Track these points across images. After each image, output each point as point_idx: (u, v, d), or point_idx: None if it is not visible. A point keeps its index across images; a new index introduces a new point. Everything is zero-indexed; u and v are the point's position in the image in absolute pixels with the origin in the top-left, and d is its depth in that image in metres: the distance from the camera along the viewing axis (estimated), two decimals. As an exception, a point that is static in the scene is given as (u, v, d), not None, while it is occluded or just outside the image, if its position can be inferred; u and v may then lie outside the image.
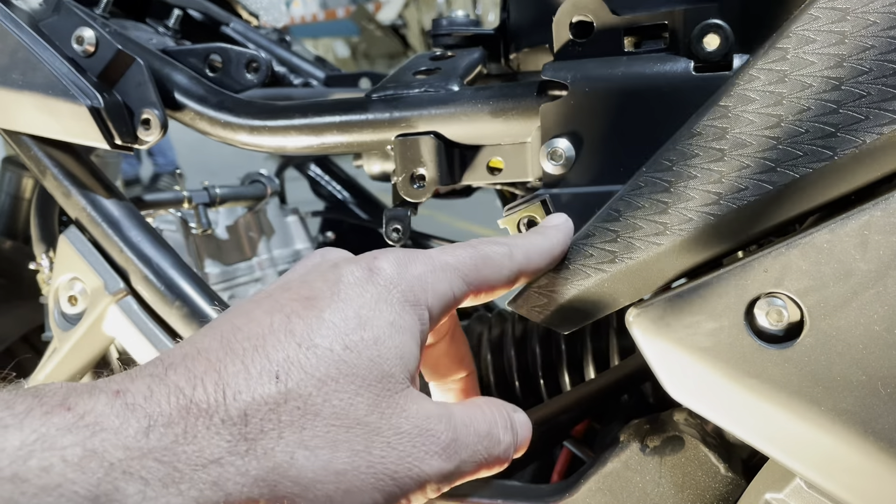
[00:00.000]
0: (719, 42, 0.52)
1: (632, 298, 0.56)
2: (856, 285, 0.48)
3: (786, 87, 0.50)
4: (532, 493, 0.67)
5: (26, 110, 0.73)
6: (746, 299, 0.51)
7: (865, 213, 0.48)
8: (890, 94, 0.47)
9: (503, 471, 0.47)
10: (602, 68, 0.56)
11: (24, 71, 0.72)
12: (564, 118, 0.57)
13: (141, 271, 0.75)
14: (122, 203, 0.78)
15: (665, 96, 0.54)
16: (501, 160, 0.64)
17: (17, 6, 0.76)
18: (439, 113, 0.64)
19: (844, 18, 0.48)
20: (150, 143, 0.72)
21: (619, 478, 0.63)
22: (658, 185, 0.53)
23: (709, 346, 0.52)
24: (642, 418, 0.66)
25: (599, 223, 0.56)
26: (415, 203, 0.66)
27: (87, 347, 0.77)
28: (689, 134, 0.52)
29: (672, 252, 0.54)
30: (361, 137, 0.67)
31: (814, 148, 0.49)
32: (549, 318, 0.59)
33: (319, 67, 1.21)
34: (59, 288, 0.78)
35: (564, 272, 0.57)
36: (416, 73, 0.70)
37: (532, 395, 0.89)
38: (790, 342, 0.50)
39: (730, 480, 0.61)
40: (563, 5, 0.58)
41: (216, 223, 1.15)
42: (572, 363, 0.87)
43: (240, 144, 0.73)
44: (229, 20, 1.15)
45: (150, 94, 0.71)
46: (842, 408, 0.49)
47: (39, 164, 0.78)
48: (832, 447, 0.50)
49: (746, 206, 0.51)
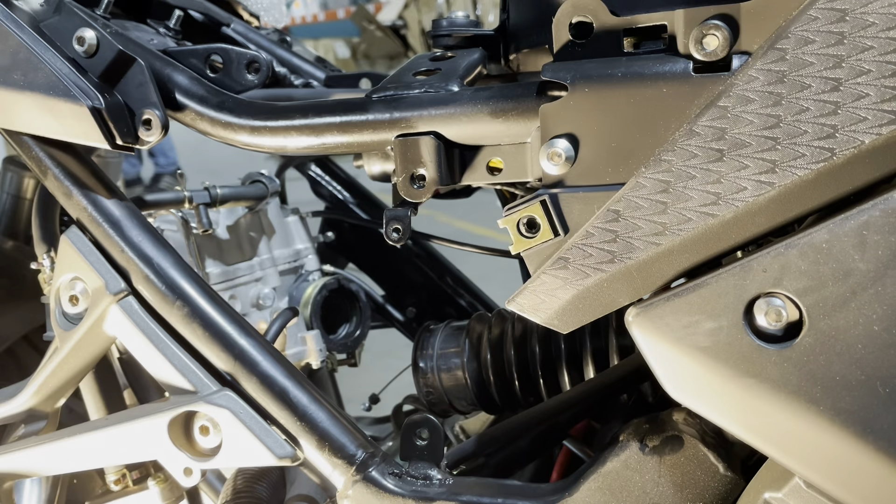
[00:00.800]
0: (718, 43, 0.53)
1: (631, 298, 0.56)
2: (855, 285, 0.48)
3: (785, 88, 0.50)
4: (532, 493, 0.67)
5: (28, 110, 0.73)
6: (745, 299, 0.51)
7: (864, 213, 0.48)
8: (889, 95, 0.47)
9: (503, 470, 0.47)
10: (602, 69, 0.57)
11: (26, 71, 0.72)
12: (564, 119, 0.57)
13: (142, 271, 0.75)
14: (124, 203, 0.78)
15: (664, 97, 0.54)
16: (501, 160, 0.64)
17: (18, 7, 0.76)
18: (439, 113, 0.64)
19: (843, 19, 0.48)
20: (151, 144, 0.73)
21: (619, 477, 0.63)
22: (657, 185, 0.53)
23: (708, 345, 0.52)
24: (642, 418, 0.66)
25: (599, 223, 0.56)
26: (415, 203, 0.66)
27: (88, 347, 0.78)
28: (688, 134, 0.52)
29: (671, 252, 0.54)
30: (362, 138, 0.67)
31: (813, 148, 0.49)
32: (549, 317, 0.59)
33: (320, 68, 1.21)
34: (61, 288, 0.78)
35: (564, 272, 0.57)
36: (416, 73, 0.70)
37: (532, 394, 0.89)
38: (789, 342, 0.50)
39: (729, 479, 0.61)
40: (563, 6, 0.59)
41: (217, 223, 1.15)
42: (572, 362, 0.87)
43: (240, 145, 0.73)
44: (230, 21, 1.15)
45: (150, 95, 0.72)
46: (841, 407, 0.49)
47: (41, 164, 0.78)
48: (831, 446, 0.50)
49: (745, 206, 0.51)
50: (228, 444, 0.72)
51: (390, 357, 1.66)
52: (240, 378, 0.73)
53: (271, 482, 0.86)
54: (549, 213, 0.58)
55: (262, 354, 0.74)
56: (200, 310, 0.75)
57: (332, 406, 0.74)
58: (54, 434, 0.81)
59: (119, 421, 0.77)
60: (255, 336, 0.75)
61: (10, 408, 0.84)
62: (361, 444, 0.72)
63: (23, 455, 0.82)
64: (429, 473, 0.71)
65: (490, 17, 6.82)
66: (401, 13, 8.36)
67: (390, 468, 0.72)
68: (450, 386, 0.92)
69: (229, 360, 0.74)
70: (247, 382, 0.73)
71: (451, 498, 0.67)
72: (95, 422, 0.83)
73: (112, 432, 0.77)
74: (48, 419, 0.86)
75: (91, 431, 0.78)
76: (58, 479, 0.93)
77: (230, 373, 0.74)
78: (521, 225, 0.60)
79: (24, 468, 0.83)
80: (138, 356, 0.75)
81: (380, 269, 1.42)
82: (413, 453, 0.72)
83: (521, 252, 0.60)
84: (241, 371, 0.73)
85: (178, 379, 0.74)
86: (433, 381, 0.93)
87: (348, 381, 1.54)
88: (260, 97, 0.90)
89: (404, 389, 1.26)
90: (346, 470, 0.71)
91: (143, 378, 0.96)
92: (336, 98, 0.81)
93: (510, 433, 0.77)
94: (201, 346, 0.74)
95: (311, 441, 0.72)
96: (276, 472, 0.88)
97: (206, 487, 0.93)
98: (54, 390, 0.81)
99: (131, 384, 0.97)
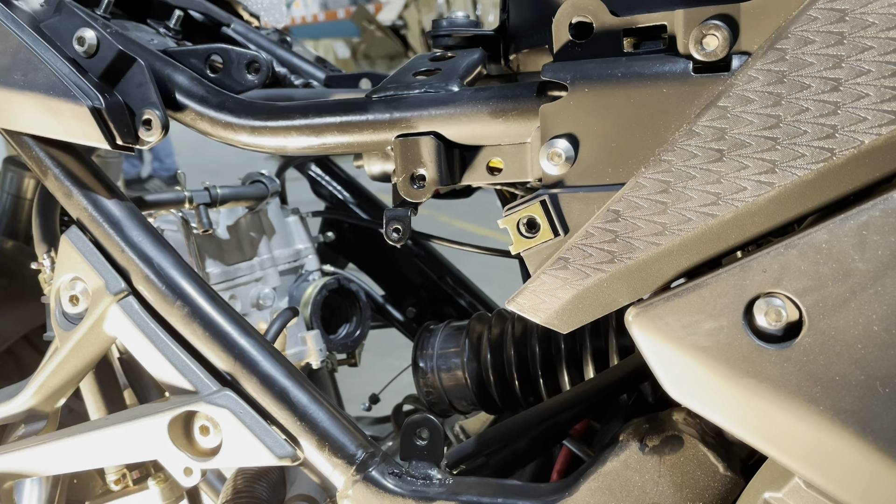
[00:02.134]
0: (718, 43, 0.53)
1: (631, 298, 0.56)
2: (854, 285, 0.48)
3: (785, 88, 0.50)
4: (532, 492, 0.67)
5: (28, 111, 0.73)
6: (745, 299, 0.51)
7: (864, 213, 0.48)
8: (889, 95, 0.47)
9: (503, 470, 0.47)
10: (602, 69, 0.57)
11: (26, 71, 0.72)
12: (564, 119, 0.57)
13: (142, 271, 0.75)
14: (124, 203, 0.78)
15: (664, 97, 0.54)
16: (501, 160, 0.64)
17: (18, 7, 0.76)
18: (439, 113, 0.64)
19: (843, 19, 0.48)
20: (151, 144, 0.73)
21: (619, 477, 0.63)
22: (657, 185, 0.54)
23: (708, 345, 0.52)
24: (641, 418, 0.66)
25: (599, 223, 0.56)
26: (415, 203, 0.66)
27: (88, 347, 0.78)
28: (688, 134, 0.52)
29: (671, 252, 0.54)
30: (362, 138, 0.67)
31: (813, 148, 0.49)
32: (549, 317, 0.59)
33: (320, 68, 1.21)
34: (61, 288, 0.78)
35: (564, 272, 0.57)
36: (416, 73, 0.70)
37: (532, 394, 0.89)
38: (789, 342, 0.50)
39: (729, 479, 0.61)
40: (563, 6, 0.59)
41: (217, 223, 1.15)
42: (572, 362, 0.87)
43: (240, 145, 0.73)
44: (230, 21, 1.15)
45: (151, 95, 0.72)
46: (840, 407, 0.49)
47: (41, 164, 0.78)
48: (831, 446, 0.50)
49: (745, 207, 0.51)
50: (228, 444, 0.72)
51: (390, 357, 1.67)
52: (240, 378, 0.73)
53: (271, 482, 0.86)
54: (549, 213, 0.58)
55: (262, 354, 0.74)
56: (200, 310, 0.75)
57: (332, 406, 0.74)
58: (54, 434, 0.81)
59: (119, 421, 0.77)
60: (255, 336, 0.75)
61: (10, 408, 0.84)
62: (361, 444, 0.72)
63: (23, 455, 0.82)
64: (429, 473, 0.71)
65: (490, 17, 6.81)
66: (401, 13, 8.36)
67: (390, 468, 0.72)
68: (450, 386, 0.92)
69: (229, 360, 0.74)
70: (247, 382, 0.73)
71: (451, 498, 0.67)
72: (95, 422, 0.83)
73: (112, 432, 0.77)
74: (48, 419, 0.86)
75: (91, 431, 0.78)
76: (58, 479, 0.93)
77: (230, 373, 0.74)
78: (521, 225, 0.60)
79: (24, 468, 0.83)
80: (138, 356, 0.75)
81: (380, 269, 1.42)
82: (413, 453, 0.72)
83: (521, 252, 0.60)
84: (241, 371, 0.73)
85: (178, 379, 0.74)
86: (433, 381, 0.93)
87: (348, 381, 1.54)
88: (260, 97, 0.90)
89: (404, 389, 1.26)
90: (346, 470, 0.71)
91: (143, 378, 0.96)
92: (336, 98, 0.81)
93: (510, 433, 0.77)
94: (201, 346, 0.74)
95: (311, 441, 0.72)
96: (276, 472, 0.88)
97: (206, 487, 0.93)
98: (54, 390, 0.81)
99: (131, 384, 0.97)
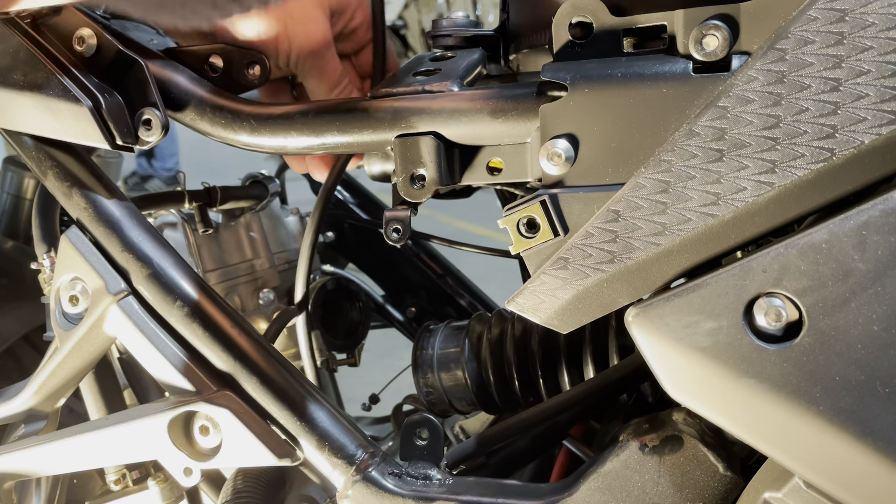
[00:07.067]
0: (718, 43, 0.53)
1: (631, 298, 0.56)
2: (854, 285, 0.48)
3: (784, 88, 0.50)
4: (532, 492, 0.67)
5: (27, 110, 0.73)
6: (745, 299, 0.51)
7: (864, 213, 0.48)
8: (889, 95, 0.47)
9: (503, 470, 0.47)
10: (601, 69, 0.57)
11: (26, 71, 0.72)
12: (564, 119, 0.57)
13: (142, 271, 0.75)
14: (123, 203, 0.78)
15: (664, 97, 0.54)
16: (501, 160, 0.64)
17: (18, 7, 0.76)
18: (439, 113, 0.64)
19: (843, 19, 0.48)
20: (151, 144, 0.73)
21: (619, 477, 0.63)
22: (657, 185, 0.54)
23: (708, 345, 0.52)
24: (641, 418, 0.66)
25: (599, 223, 0.56)
26: (415, 203, 0.66)
27: (88, 347, 0.78)
28: (688, 134, 0.52)
29: (671, 252, 0.54)
30: (362, 138, 0.67)
31: (813, 148, 0.49)
32: (549, 317, 0.59)
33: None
34: (61, 288, 0.78)
35: (564, 272, 0.57)
36: (416, 73, 0.70)
37: (532, 394, 0.89)
38: (789, 342, 0.50)
39: (728, 479, 0.61)
40: (563, 6, 0.59)
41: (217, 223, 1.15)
42: (572, 362, 0.87)
43: (240, 145, 0.73)
44: (230, 21, 1.15)
45: (150, 95, 0.72)
46: (840, 407, 0.49)
47: (41, 164, 0.78)
48: (831, 446, 0.50)
49: (745, 207, 0.51)
50: (228, 444, 0.72)
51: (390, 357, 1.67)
52: (240, 378, 0.73)
53: (271, 482, 0.86)
54: (548, 214, 0.58)
55: (262, 354, 0.74)
56: (200, 310, 0.75)
57: (331, 406, 0.74)
58: (54, 434, 0.81)
59: (119, 421, 0.77)
60: (255, 336, 0.75)
61: (10, 408, 0.84)
62: (361, 444, 0.72)
63: (23, 455, 0.82)
64: (429, 473, 0.71)
65: (490, 17, 6.81)
66: (401, 13, 8.36)
67: (390, 468, 0.72)
68: (450, 386, 0.92)
69: (229, 360, 0.74)
70: (247, 382, 0.73)
71: (451, 498, 0.67)
72: (95, 422, 0.83)
73: (112, 432, 0.77)
74: (48, 419, 0.86)
75: (91, 431, 0.78)
76: (58, 479, 0.93)
77: (230, 373, 0.74)
78: (521, 225, 0.60)
79: (24, 468, 0.83)
80: (138, 356, 0.75)
81: (380, 269, 1.42)
82: (413, 453, 0.72)
83: (520, 252, 0.60)
84: (241, 371, 0.73)
85: (178, 379, 0.74)
86: (433, 381, 0.93)
87: (348, 381, 1.54)
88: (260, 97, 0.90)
89: (404, 389, 1.26)
90: (346, 470, 0.71)
91: (143, 378, 0.96)
92: (336, 98, 0.81)
93: (510, 433, 0.77)
94: (201, 346, 0.74)
95: (311, 441, 0.72)
96: (276, 472, 0.88)
97: (206, 487, 0.93)
98: (54, 390, 0.81)
99: (131, 384, 0.98)
